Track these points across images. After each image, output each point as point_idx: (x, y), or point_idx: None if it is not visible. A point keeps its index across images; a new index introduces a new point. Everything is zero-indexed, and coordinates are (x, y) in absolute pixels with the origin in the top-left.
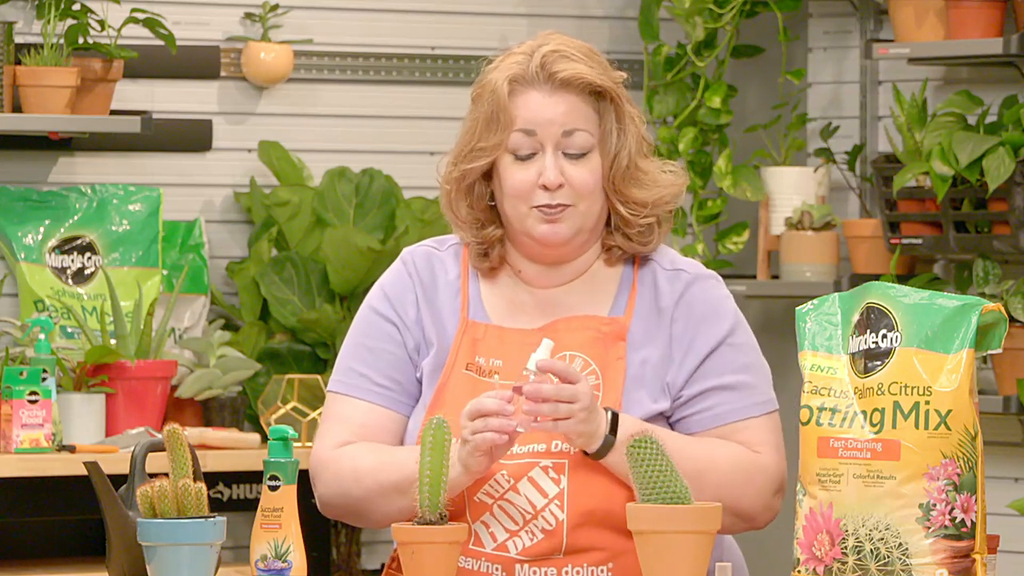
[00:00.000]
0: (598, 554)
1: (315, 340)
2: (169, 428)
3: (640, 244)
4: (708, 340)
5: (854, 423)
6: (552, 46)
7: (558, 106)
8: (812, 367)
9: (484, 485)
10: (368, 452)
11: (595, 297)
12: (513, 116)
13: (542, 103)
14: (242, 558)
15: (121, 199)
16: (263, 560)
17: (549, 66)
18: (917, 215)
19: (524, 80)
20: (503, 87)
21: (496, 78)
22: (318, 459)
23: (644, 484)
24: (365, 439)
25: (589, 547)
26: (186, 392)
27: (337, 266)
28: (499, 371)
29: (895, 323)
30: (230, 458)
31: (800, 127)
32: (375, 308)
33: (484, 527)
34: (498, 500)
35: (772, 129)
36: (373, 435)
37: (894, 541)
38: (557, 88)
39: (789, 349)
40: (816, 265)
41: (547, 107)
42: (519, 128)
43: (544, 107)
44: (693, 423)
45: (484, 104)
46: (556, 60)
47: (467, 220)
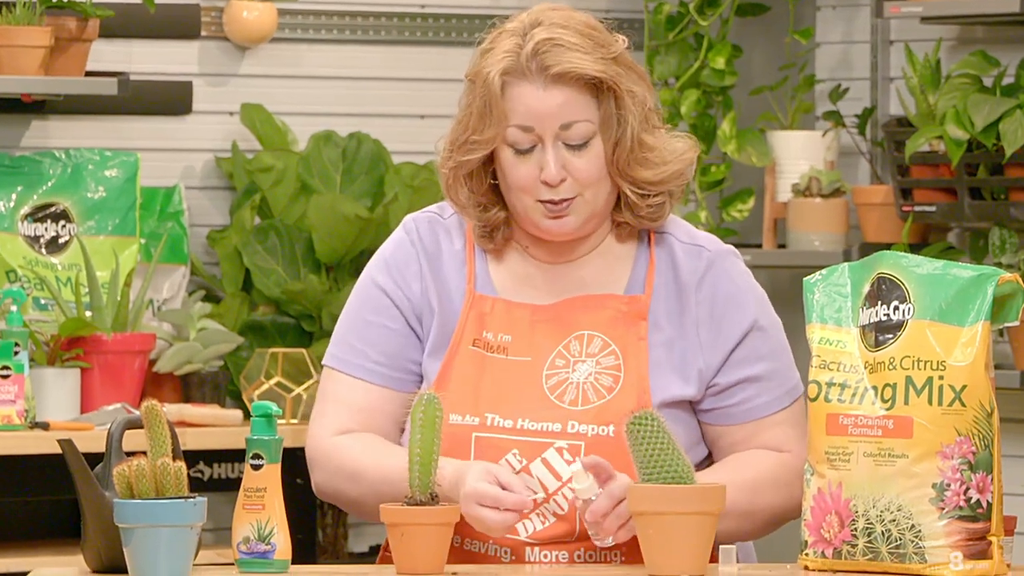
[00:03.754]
0: None
1: (300, 312)
2: (147, 404)
3: (650, 220)
4: (737, 326)
5: (864, 399)
6: (545, 32)
7: (554, 100)
8: (820, 340)
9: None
10: (369, 451)
11: (610, 274)
12: (507, 112)
13: (537, 98)
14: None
15: (97, 164)
16: (245, 543)
17: (542, 59)
18: (930, 181)
19: (517, 73)
20: (495, 81)
21: (488, 70)
22: (316, 447)
23: (644, 463)
24: (366, 425)
25: None
26: (165, 367)
27: (323, 235)
28: (508, 347)
29: (907, 294)
30: (211, 436)
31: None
32: (376, 280)
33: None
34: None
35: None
36: (374, 420)
37: (906, 523)
38: (551, 82)
39: (796, 321)
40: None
41: (542, 102)
42: (515, 124)
43: (539, 102)
44: (726, 416)
45: (477, 94)
46: (549, 51)
47: (469, 204)
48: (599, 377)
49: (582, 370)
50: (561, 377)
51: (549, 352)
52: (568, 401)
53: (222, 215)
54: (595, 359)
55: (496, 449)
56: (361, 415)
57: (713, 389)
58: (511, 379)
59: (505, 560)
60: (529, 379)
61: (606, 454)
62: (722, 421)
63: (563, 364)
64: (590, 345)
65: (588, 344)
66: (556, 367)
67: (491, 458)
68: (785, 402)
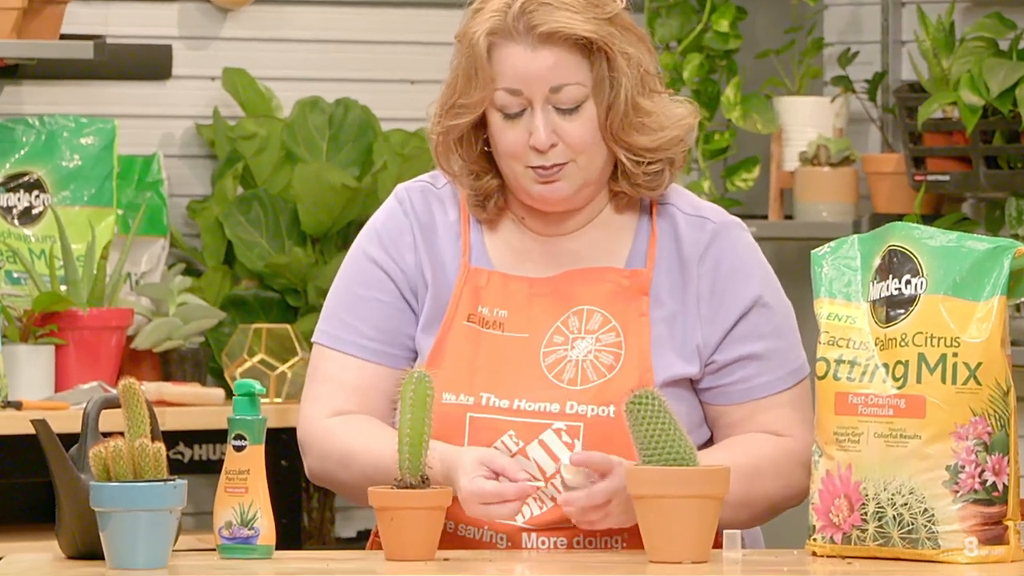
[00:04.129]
0: None
1: (285, 286)
2: (125, 383)
3: (648, 190)
4: (739, 301)
5: (875, 377)
6: None
7: (543, 61)
8: (829, 316)
9: (489, 447)
10: (361, 434)
11: (609, 246)
12: (494, 74)
13: (525, 59)
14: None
15: (72, 132)
16: (227, 527)
17: (529, 18)
18: (944, 149)
19: (503, 33)
20: (481, 42)
21: (474, 30)
22: (308, 430)
23: (645, 444)
24: (361, 405)
25: None
26: (143, 343)
27: (309, 205)
28: (504, 323)
29: (920, 268)
30: (191, 415)
31: (816, 53)
32: (368, 252)
33: None
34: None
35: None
36: (368, 400)
37: (919, 506)
38: (540, 42)
39: (804, 296)
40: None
41: (531, 63)
42: (503, 87)
43: (527, 64)
44: (723, 395)
45: (463, 55)
46: (537, 10)
47: (460, 173)
48: (599, 355)
49: (581, 347)
50: (559, 355)
51: (547, 328)
52: (567, 380)
53: (203, 185)
54: (595, 336)
55: (491, 430)
56: (356, 395)
57: (711, 366)
58: (507, 356)
59: (501, 546)
60: (526, 357)
61: (606, 436)
62: (720, 400)
63: (561, 341)
64: (589, 321)
65: (587, 320)
66: (554, 344)
67: (486, 440)
68: (788, 383)
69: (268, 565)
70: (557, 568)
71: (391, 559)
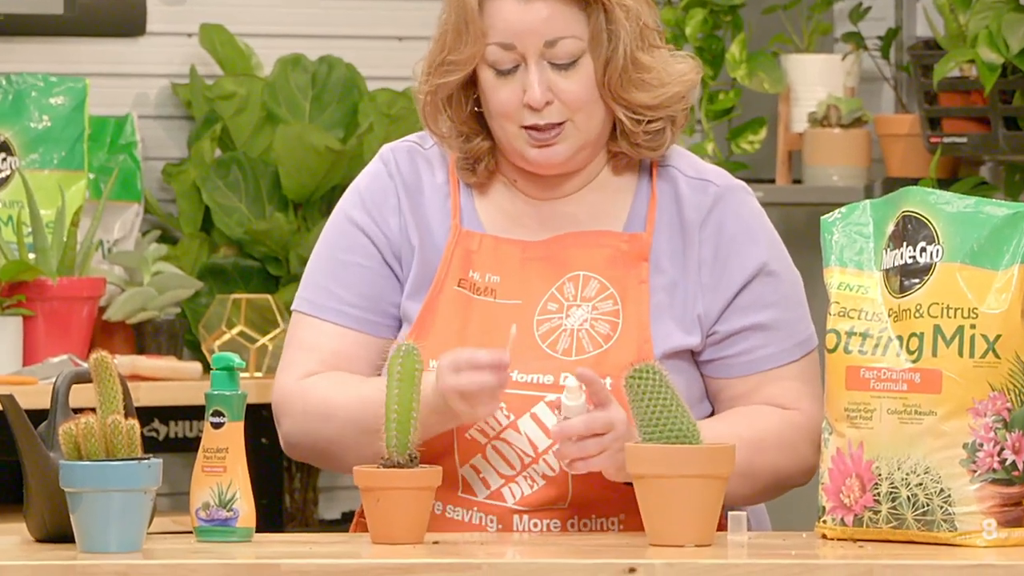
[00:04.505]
0: (608, 505)
1: (265, 254)
2: (96, 356)
3: (649, 150)
4: (743, 269)
5: (888, 350)
6: None
7: (537, 13)
8: (840, 286)
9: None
10: (341, 384)
11: (607, 209)
12: (485, 28)
13: (518, 11)
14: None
15: (41, 91)
16: (205, 508)
17: None
18: (961, 110)
19: None
20: None
21: None
22: (283, 392)
23: (645, 420)
24: (338, 370)
25: (598, 497)
26: (116, 314)
27: (291, 169)
28: (496, 289)
29: (935, 234)
30: (167, 391)
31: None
32: (350, 216)
33: (474, 472)
34: (493, 439)
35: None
36: (347, 365)
37: (934, 487)
38: None
39: (813, 265)
40: (844, 167)
41: (524, 16)
42: (495, 42)
43: (520, 16)
44: (726, 368)
45: (453, 8)
46: None
47: (449, 134)
48: (595, 324)
49: (577, 316)
50: (554, 323)
51: (541, 295)
52: (561, 350)
53: (179, 147)
54: (591, 303)
55: None
56: (334, 359)
57: (713, 337)
58: (499, 324)
59: (491, 529)
60: (519, 325)
61: None
62: (722, 373)
63: (556, 309)
64: (586, 288)
65: (584, 287)
66: (548, 312)
67: None
68: (795, 355)
69: (247, 548)
70: (551, 551)
71: (377, 542)
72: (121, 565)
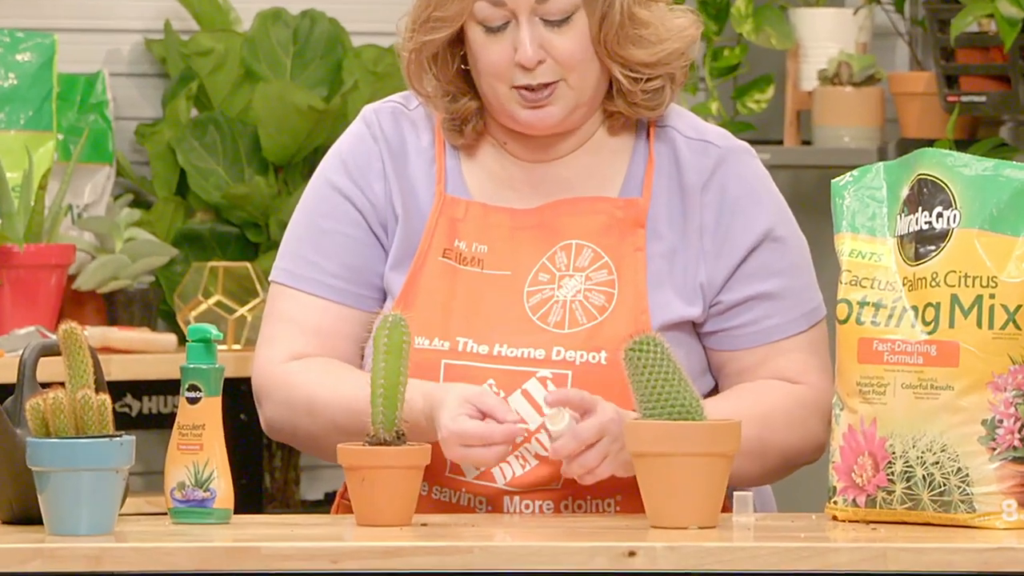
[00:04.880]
0: (604, 486)
1: (244, 220)
2: (65, 327)
3: (647, 109)
4: (748, 235)
5: (903, 321)
6: None
7: None
8: (851, 253)
9: None
10: (326, 379)
11: (602, 173)
12: None
13: None
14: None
15: (7, 47)
16: (180, 489)
17: None
18: (980, 67)
19: None
20: None
21: None
22: (265, 375)
23: (645, 395)
24: (322, 349)
25: None
26: (86, 283)
27: (271, 129)
28: (483, 259)
29: (953, 199)
30: (140, 364)
31: None
32: (331, 181)
33: None
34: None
35: None
36: (333, 344)
37: (951, 465)
38: None
39: (823, 231)
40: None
41: None
42: None
43: None
44: (730, 340)
45: None
46: None
47: (435, 94)
48: (589, 295)
49: (569, 286)
50: (545, 295)
51: (531, 265)
52: (553, 323)
53: (153, 107)
54: (584, 273)
55: (469, 379)
56: (317, 338)
57: (716, 307)
58: (487, 297)
59: (481, 511)
60: (508, 297)
61: (597, 385)
62: (726, 345)
63: (547, 279)
64: (579, 257)
65: (576, 256)
66: (539, 283)
67: None
68: (802, 326)
69: (225, 531)
70: (545, 534)
71: (362, 524)
72: (92, 548)
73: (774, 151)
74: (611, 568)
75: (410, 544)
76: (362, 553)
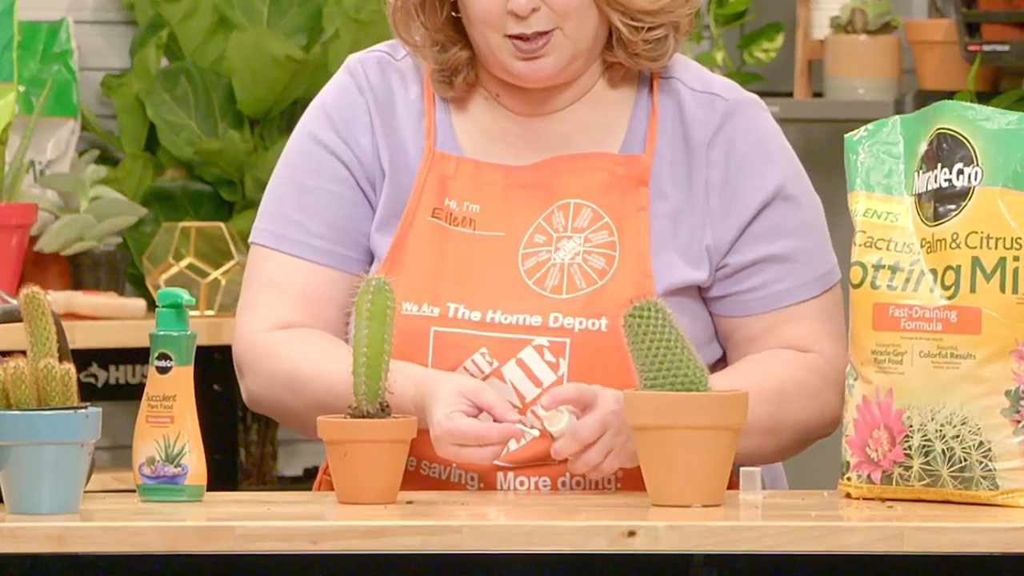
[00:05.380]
0: None
1: (218, 177)
2: (27, 292)
3: (649, 60)
4: (757, 192)
5: (921, 285)
6: None
7: None
8: (866, 212)
9: (456, 368)
10: (311, 352)
11: (602, 128)
12: None
13: None
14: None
15: None
16: (150, 464)
17: None
18: (1002, 14)
19: None
20: None
21: None
22: (247, 344)
23: (647, 365)
24: (307, 316)
25: None
26: (50, 245)
27: (246, 81)
28: (475, 219)
29: (974, 155)
30: (107, 331)
31: None
32: (315, 135)
33: None
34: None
35: None
36: (318, 311)
37: (972, 439)
38: None
39: (836, 189)
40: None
41: None
42: None
43: None
44: (738, 305)
45: None
46: None
47: (423, 43)
48: (588, 258)
49: (567, 248)
50: (542, 258)
51: (527, 226)
52: (550, 288)
53: (120, 56)
54: (583, 235)
55: (460, 348)
56: (303, 304)
57: (724, 271)
58: (479, 259)
59: (472, 488)
60: (502, 260)
61: (596, 354)
62: (734, 311)
63: (544, 241)
64: (577, 217)
65: (575, 216)
66: (535, 245)
67: (454, 358)
68: (815, 290)
69: (198, 509)
70: (540, 512)
71: (344, 502)
72: (54, 528)
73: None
74: (609, 549)
75: (395, 523)
76: (344, 533)
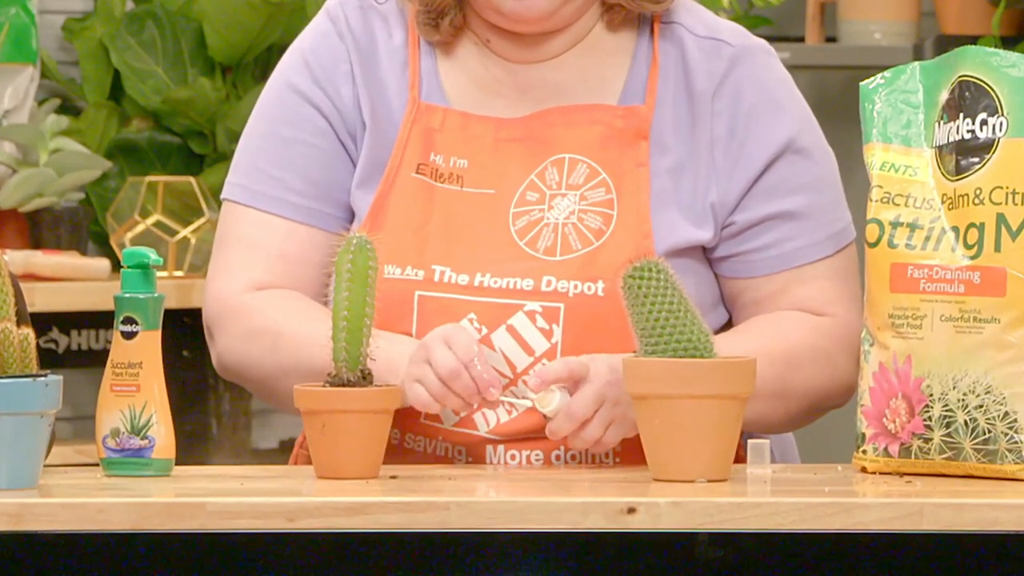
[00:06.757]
0: None
1: (187, 128)
2: None
3: (651, 2)
4: (766, 146)
5: (942, 244)
6: None
7: None
8: (883, 166)
9: None
10: (294, 312)
11: (599, 77)
12: None
13: None
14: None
15: None
16: (114, 436)
17: None
18: None
19: None
20: None
21: None
22: (221, 304)
23: (647, 330)
24: (285, 277)
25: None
26: (7, 201)
27: (218, 25)
28: (463, 175)
29: (999, 104)
30: (68, 293)
31: None
32: (293, 84)
33: None
34: None
35: None
36: (296, 272)
37: (997, 410)
38: None
39: (850, 141)
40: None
41: None
42: None
43: None
44: (746, 266)
45: None
46: None
47: None
48: (584, 217)
49: (562, 207)
50: (534, 217)
51: (518, 182)
52: (543, 249)
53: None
54: (579, 192)
55: (446, 313)
56: (281, 264)
57: (730, 229)
58: (467, 219)
59: (460, 462)
60: (492, 219)
61: (592, 319)
62: (741, 272)
63: (536, 199)
64: (573, 173)
65: (570, 172)
66: (527, 203)
67: (439, 325)
68: (828, 249)
69: (166, 484)
70: (532, 488)
71: (323, 476)
72: (11, 504)
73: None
74: (608, 527)
75: (377, 499)
76: (322, 510)
